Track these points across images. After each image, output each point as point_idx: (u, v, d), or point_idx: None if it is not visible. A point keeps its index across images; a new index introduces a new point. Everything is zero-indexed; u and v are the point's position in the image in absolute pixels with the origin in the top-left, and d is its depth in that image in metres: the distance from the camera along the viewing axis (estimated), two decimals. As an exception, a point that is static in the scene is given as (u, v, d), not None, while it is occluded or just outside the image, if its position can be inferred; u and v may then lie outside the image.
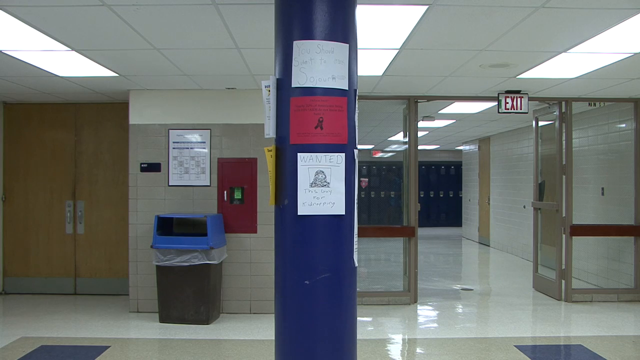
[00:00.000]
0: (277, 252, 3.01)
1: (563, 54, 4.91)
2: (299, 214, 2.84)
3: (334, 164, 2.85)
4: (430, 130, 11.55)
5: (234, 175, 6.60)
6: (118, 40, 4.48)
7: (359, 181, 3.95)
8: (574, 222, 7.33)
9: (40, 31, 4.18)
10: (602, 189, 8.08)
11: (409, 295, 7.09)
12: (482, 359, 4.97)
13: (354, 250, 2.95)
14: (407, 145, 7.24)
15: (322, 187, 2.84)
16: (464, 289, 8.32)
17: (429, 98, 7.11)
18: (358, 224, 3.01)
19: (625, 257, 7.56)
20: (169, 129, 6.62)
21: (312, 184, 2.83)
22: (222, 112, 6.65)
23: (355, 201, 2.96)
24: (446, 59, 5.16)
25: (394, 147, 15.62)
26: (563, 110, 7.33)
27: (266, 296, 6.45)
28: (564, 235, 7.31)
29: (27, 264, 7.63)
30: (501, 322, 6.34)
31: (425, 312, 6.86)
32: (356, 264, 2.98)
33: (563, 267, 7.29)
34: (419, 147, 7.37)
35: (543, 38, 4.45)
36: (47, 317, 6.36)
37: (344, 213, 2.87)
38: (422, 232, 8.28)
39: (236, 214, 6.57)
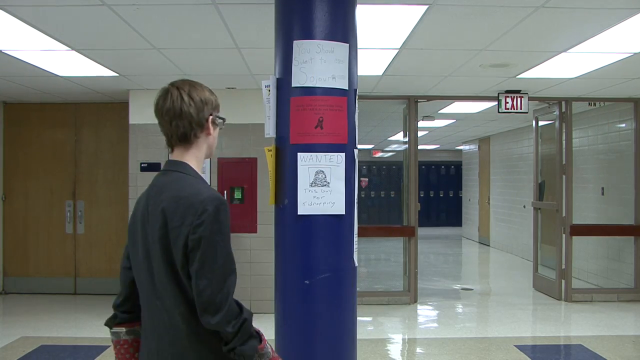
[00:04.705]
0: (277, 252, 3.01)
1: (563, 53, 4.91)
2: (299, 213, 2.83)
3: (334, 163, 2.85)
4: (430, 130, 11.55)
5: (234, 175, 6.59)
6: (118, 40, 4.48)
7: (359, 181, 3.95)
8: (574, 222, 7.32)
9: (40, 31, 4.18)
10: (602, 189, 8.07)
11: (409, 295, 7.08)
12: (482, 359, 4.97)
13: (354, 250, 2.95)
14: (407, 145, 7.24)
15: (322, 186, 2.83)
16: (464, 288, 8.32)
17: (429, 98, 7.10)
18: (358, 224, 3.01)
19: (625, 257, 7.55)
20: (169, 129, 6.61)
21: (312, 183, 2.83)
22: (222, 112, 6.62)
23: (355, 201, 2.96)
24: (446, 59, 5.16)
25: (394, 147, 15.60)
26: (563, 110, 7.33)
27: (266, 296, 6.44)
28: (564, 235, 7.30)
29: (27, 264, 7.62)
30: (501, 322, 6.34)
31: (425, 312, 6.86)
32: (356, 264, 2.98)
33: (563, 266, 7.29)
34: (419, 147, 7.37)
35: (543, 38, 4.45)
36: (47, 317, 6.35)
37: (344, 213, 2.87)
38: (422, 232, 8.27)
39: (236, 213, 6.56)
